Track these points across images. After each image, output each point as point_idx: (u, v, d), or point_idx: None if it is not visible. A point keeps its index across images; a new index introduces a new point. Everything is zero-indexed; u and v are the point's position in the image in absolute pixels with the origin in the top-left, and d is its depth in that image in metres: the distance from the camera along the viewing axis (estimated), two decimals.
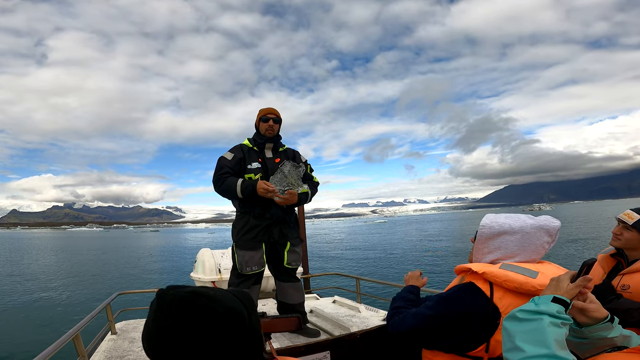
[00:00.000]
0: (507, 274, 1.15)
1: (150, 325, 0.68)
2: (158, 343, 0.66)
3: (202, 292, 0.68)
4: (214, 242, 50.17)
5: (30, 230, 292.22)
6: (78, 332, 2.08)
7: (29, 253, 38.61)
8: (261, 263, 2.69)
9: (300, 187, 2.69)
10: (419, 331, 1.26)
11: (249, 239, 2.67)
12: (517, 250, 1.24)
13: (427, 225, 69.00)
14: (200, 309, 0.65)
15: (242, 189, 2.59)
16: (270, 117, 2.76)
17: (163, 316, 0.66)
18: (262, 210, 2.68)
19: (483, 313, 1.14)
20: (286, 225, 2.78)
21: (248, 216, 2.70)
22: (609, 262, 1.87)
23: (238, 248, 2.69)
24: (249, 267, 2.65)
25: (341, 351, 1.68)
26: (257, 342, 0.71)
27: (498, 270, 1.16)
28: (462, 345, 1.19)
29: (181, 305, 0.65)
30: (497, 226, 1.26)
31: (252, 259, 2.65)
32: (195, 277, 4.10)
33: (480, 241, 1.30)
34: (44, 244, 58.40)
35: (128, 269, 22.74)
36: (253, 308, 0.74)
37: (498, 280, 1.14)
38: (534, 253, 1.24)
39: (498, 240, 1.25)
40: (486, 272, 1.17)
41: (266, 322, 1.17)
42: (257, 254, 2.68)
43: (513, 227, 1.24)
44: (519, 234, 1.23)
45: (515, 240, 1.23)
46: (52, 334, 8.34)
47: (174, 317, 0.65)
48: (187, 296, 0.67)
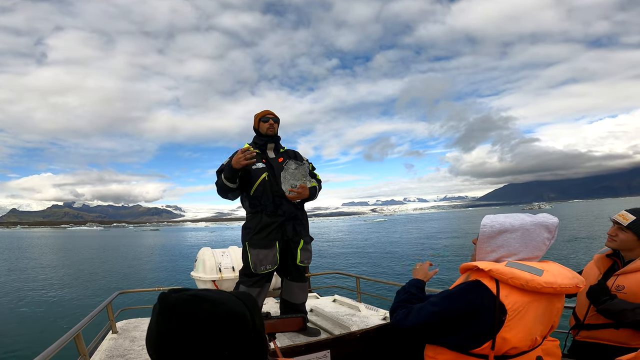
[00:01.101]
0: (513, 271, 1.15)
1: (153, 329, 0.68)
2: (161, 347, 0.66)
3: (204, 296, 0.67)
4: (214, 241, 50.24)
5: (30, 230, 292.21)
6: (79, 331, 2.09)
7: (29, 252, 38.61)
8: (274, 261, 2.68)
9: (309, 182, 2.73)
10: (423, 327, 1.27)
11: (263, 237, 2.67)
12: (519, 247, 1.25)
13: (427, 224, 69.04)
14: (203, 313, 0.65)
15: (225, 177, 2.60)
16: (270, 117, 2.81)
17: (165, 320, 0.66)
18: (274, 208, 2.69)
19: (489, 310, 1.15)
20: (299, 222, 2.79)
21: (260, 215, 2.70)
22: (604, 263, 1.87)
23: (251, 247, 2.69)
24: (263, 265, 2.64)
25: (341, 350, 1.68)
26: (260, 344, 0.71)
27: (504, 268, 1.17)
28: (466, 342, 1.19)
29: (183, 309, 0.65)
30: (498, 225, 1.27)
31: (266, 258, 2.65)
32: (195, 276, 4.10)
33: (482, 240, 1.31)
34: (44, 243, 58.40)
35: (129, 268, 22.75)
36: (256, 310, 0.74)
37: (504, 278, 1.15)
38: (535, 249, 1.25)
39: (500, 238, 1.27)
40: (492, 270, 1.17)
41: (271, 322, 1.17)
42: (270, 252, 2.67)
43: (513, 225, 1.25)
44: (519, 231, 1.24)
45: (516, 238, 1.25)
46: (53, 333, 8.36)
47: (177, 321, 0.65)
48: (190, 300, 0.66)
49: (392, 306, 1.49)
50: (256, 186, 2.71)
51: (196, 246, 35.95)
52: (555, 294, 1.18)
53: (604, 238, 1.88)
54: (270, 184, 2.71)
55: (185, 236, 73.39)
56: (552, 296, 1.20)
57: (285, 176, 2.67)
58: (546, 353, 1.27)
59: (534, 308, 1.17)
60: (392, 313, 1.43)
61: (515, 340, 1.16)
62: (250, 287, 2.67)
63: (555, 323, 1.28)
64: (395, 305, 1.44)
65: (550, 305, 1.21)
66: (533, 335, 1.19)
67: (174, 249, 37.31)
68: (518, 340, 1.16)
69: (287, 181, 2.67)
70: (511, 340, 1.15)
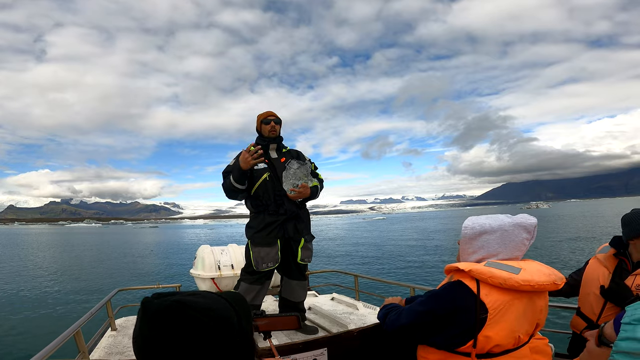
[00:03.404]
0: (491, 270, 1.20)
1: (137, 333, 0.68)
2: (144, 351, 0.66)
3: (187, 302, 0.66)
4: (213, 238, 50.22)
5: (28, 226, 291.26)
6: (79, 328, 2.10)
7: (28, 249, 38.53)
8: (276, 259, 2.73)
9: (311, 182, 2.77)
10: (413, 327, 1.32)
11: (265, 235, 2.71)
12: (498, 248, 1.29)
13: (426, 223, 69.19)
14: (186, 320, 0.64)
15: (233, 177, 2.63)
16: (271, 118, 2.83)
17: (148, 326, 0.65)
18: (276, 207, 2.73)
19: (471, 309, 1.19)
20: (300, 220, 2.83)
21: (263, 214, 2.74)
22: (612, 262, 1.89)
23: (254, 245, 2.73)
24: (265, 263, 2.69)
25: (338, 348, 1.70)
26: (246, 347, 0.71)
27: (483, 268, 1.22)
28: (451, 341, 1.24)
29: (166, 316, 0.64)
30: (478, 226, 1.32)
31: (267, 256, 2.69)
32: (194, 274, 4.11)
33: (464, 242, 1.37)
34: (43, 240, 58.26)
35: (128, 265, 22.72)
36: (245, 312, 0.73)
37: (483, 277, 1.20)
38: (515, 250, 1.29)
39: (480, 240, 1.32)
40: (472, 270, 1.23)
41: (265, 321, 1.19)
42: (272, 250, 2.71)
43: (492, 226, 1.30)
44: (498, 232, 1.29)
45: (495, 239, 1.29)
46: (52, 330, 8.37)
47: (159, 327, 0.64)
48: (173, 306, 0.65)
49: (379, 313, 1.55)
50: (257, 186, 2.74)
51: (195, 243, 35.97)
52: (534, 291, 1.22)
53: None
54: (272, 183, 2.74)
55: (184, 233, 73.33)
56: (532, 294, 1.24)
57: (287, 175, 2.70)
58: (535, 351, 1.30)
59: (515, 306, 1.21)
60: (383, 319, 1.48)
61: (498, 338, 1.20)
62: (251, 284, 2.73)
63: (541, 321, 1.31)
64: (385, 311, 1.50)
65: (531, 304, 1.25)
66: (516, 333, 1.22)
67: (173, 246, 37.29)
68: (501, 338, 1.20)
69: (288, 181, 2.70)
70: (494, 337, 1.19)
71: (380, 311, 1.55)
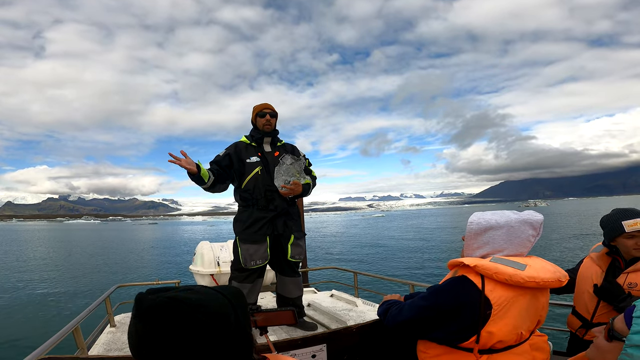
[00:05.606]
0: (497, 266, 1.19)
1: (131, 329, 0.67)
2: (139, 347, 0.65)
3: (181, 298, 0.65)
4: (212, 234, 50.24)
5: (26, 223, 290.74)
6: (78, 324, 2.10)
7: (26, 246, 38.46)
8: (265, 257, 2.68)
9: (303, 179, 2.72)
10: (414, 322, 1.31)
11: (253, 232, 2.65)
12: (504, 244, 1.28)
13: (425, 220, 69.35)
14: (180, 316, 0.63)
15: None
16: (267, 111, 2.76)
17: (142, 323, 0.65)
18: (266, 203, 2.68)
19: (475, 305, 1.18)
20: (290, 217, 2.78)
21: (252, 209, 2.69)
22: (605, 261, 1.89)
23: (242, 242, 2.67)
24: (253, 260, 2.63)
25: (337, 344, 1.71)
26: (243, 342, 0.70)
27: (489, 263, 1.21)
28: (454, 336, 1.23)
29: (159, 312, 0.64)
30: (484, 222, 1.31)
31: (256, 253, 2.64)
32: (194, 270, 4.11)
33: (469, 237, 1.35)
34: (41, 236, 58.16)
35: (127, 261, 22.71)
36: (242, 307, 0.72)
37: (489, 273, 1.19)
38: (520, 246, 1.29)
39: (486, 235, 1.30)
40: (478, 265, 1.21)
41: (262, 316, 1.19)
42: (261, 247, 2.66)
43: (499, 222, 1.29)
44: (504, 228, 1.28)
45: (502, 235, 1.28)
46: (51, 326, 8.38)
47: (152, 324, 0.64)
48: (166, 303, 0.64)
49: (379, 309, 1.54)
50: (248, 180, 2.69)
51: (194, 240, 35.97)
52: (538, 288, 1.21)
53: (599, 236, 1.89)
54: (262, 178, 2.68)
55: (183, 230, 73.33)
56: (536, 291, 1.23)
57: (279, 171, 2.64)
58: (534, 348, 1.30)
59: (519, 302, 1.20)
60: (384, 315, 1.48)
61: (501, 334, 1.19)
62: (241, 283, 2.66)
63: (542, 318, 1.31)
64: (386, 307, 1.49)
65: (534, 300, 1.24)
66: (518, 329, 1.22)
67: (172, 243, 37.29)
68: (504, 334, 1.20)
69: (280, 176, 2.64)
70: (497, 334, 1.19)
71: (380, 307, 1.55)
